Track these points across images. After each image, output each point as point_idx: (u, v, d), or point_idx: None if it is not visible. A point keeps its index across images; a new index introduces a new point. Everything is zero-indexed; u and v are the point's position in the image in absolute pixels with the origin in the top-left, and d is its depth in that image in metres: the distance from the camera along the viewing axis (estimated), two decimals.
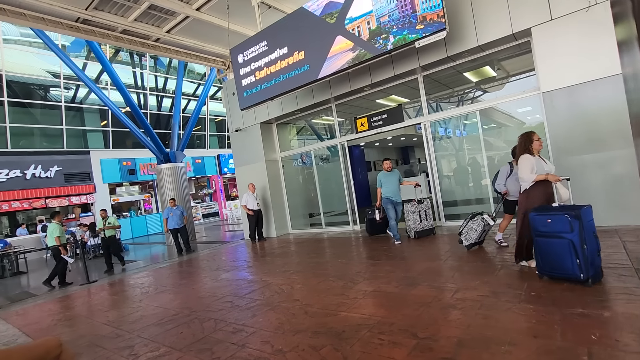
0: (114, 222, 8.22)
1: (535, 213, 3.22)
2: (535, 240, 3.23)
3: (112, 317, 4.21)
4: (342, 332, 2.79)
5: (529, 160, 3.46)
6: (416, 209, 6.15)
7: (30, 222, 15.09)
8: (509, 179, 4.56)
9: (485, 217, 4.77)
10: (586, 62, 4.91)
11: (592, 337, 2.18)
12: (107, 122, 16.52)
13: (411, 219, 6.13)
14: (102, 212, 8.45)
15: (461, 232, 4.85)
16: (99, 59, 11.18)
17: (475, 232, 4.74)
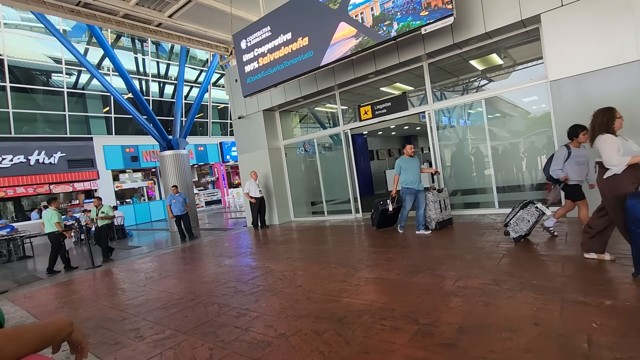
0: (107, 213, 7.83)
1: (637, 200, 2.70)
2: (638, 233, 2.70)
3: (118, 301, 4.28)
4: (344, 318, 2.83)
5: (614, 141, 2.97)
6: (437, 197, 5.73)
7: (35, 207, 15.24)
8: (567, 163, 4.12)
9: (539, 206, 4.23)
10: (596, 50, 4.81)
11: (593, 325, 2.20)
12: (110, 108, 16.47)
13: (432, 208, 5.69)
14: (95, 201, 8.07)
15: (508, 222, 4.37)
16: (101, 44, 11.08)
17: (527, 223, 4.24)
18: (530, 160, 6.52)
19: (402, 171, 5.69)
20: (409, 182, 5.67)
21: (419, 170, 5.72)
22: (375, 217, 6.33)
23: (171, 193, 9.26)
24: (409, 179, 5.66)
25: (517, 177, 6.70)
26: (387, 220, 6.34)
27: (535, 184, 6.46)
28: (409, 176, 5.66)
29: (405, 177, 5.67)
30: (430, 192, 5.75)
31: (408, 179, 5.66)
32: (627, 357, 1.84)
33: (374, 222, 6.37)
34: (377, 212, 6.23)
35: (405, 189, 5.69)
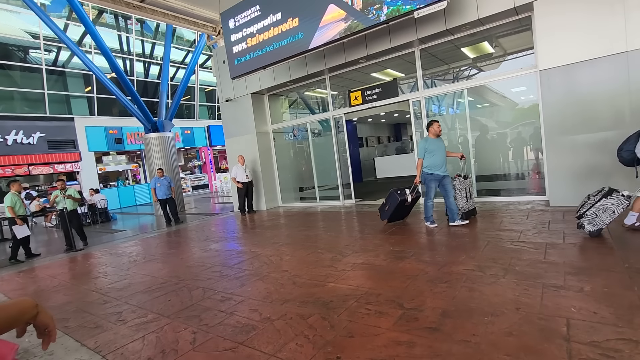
0: (74, 194, 7.05)
1: None
2: None
3: (100, 285, 4.20)
4: (329, 302, 2.83)
5: None
6: (463, 185, 5.11)
7: None
8: None
9: (625, 193, 3.58)
10: (587, 40, 4.82)
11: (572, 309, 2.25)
12: (92, 88, 15.88)
13: (459, 197, 5.06)
14: (60, 183, 7.11)
15: (584, 213, 3.70)
16: (81, 19, 10.56)
17: (612, 214, 3.55)
18: (516, 150, 6.59)
19: (427, 154, 4.92)
20: (434, 166, 4.93)
21: (445, 152, 5.02)
22: (388, 209, 5.44)
23: (156, 176, 9.06)
24: (435, 163, 4.91)
25: (501, 167, 6.78)
26: (401, 211, 5.59)
27: (520, 173, 6.55)
28: (434, 159, 4.91)
29: (430, 161, 4.91)
30: (457, 178, 5.15)
31: (433, 163, 4.92)
32: (604, 340, 1.88)
33: (386, 214, 5.47)
34: (393, 203, 5.34)
35: (429, 174, 4.94)
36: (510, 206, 5.75)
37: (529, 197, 6.05)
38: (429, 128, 5.04)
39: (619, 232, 3.75)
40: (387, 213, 5.47)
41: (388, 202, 5.44)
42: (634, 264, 2.86)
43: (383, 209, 5.53)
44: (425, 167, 4.95)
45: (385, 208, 5.49)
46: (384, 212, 5.52)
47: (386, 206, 5.47)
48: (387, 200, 5.49)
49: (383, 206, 5.55)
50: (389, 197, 5.44)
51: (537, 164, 6.20)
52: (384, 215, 5.53)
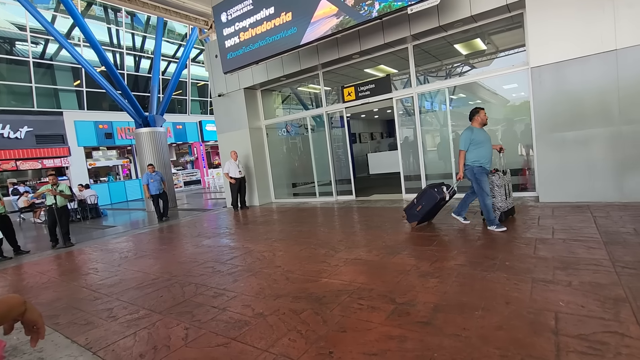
0: (65, 191, 6.75)
1: None
2: None
3: (90, 281, 4.15)
4: (322, 297, 2.84)
5: None
6: (502, 181, 4.55)
7: (1, 184, 14.47)
8: None
9: None
10: (578, 38, 4.87)
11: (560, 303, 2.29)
12: (81, 81, 15.59)
13: (497, 194, 4.50)
14: (51, 178, 6.81)
15: None
16: (70, 11, 10.33)
17: None
18: (507, 147, 6.64)
19: (474, 145, 4.33)
20: (483, 158, 4.30)
21: (491, 144, 4.45)
22: (421, 210, 4.68)
23: (147, 172, 8.97)
24: (484, 155, 4.30)
25: (493, 163, 6.83)
26: (432, 213, 4.90)
27: (512, 169, 6.62)
28: (482, 151, 4.30)
29: (478, 153, 4.31)
30: (495, 174, 4.57)
31: (482, 155, 4.30)
32: (591, 333, 1.93)
33: (417, 215, 4.71)
34: (429, 203, 4.63)
35: (479, 167, 4.32)
36: None
37: (519, 194, 6.13)
38: (473, 116, 4.45)
39: (606, 226, 3.82)
40: (418, 214, 4.70)
41: (421, 202, 4.68)
42: (621, 259, 2.92)
43: (412, 209, 4.77)
44: (473, 160, 4.34)
45: (416, 209, 4.71)
46: (414, 213, 4.74)
47: (417, 206, 4.70)
48: (419, 199, 4.73)
49: (412, 206, 4.79)
50: (424, 196, 4.69)
51: (528, 160, 6.27)
52: (413, 216, 4.77)
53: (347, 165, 8.18)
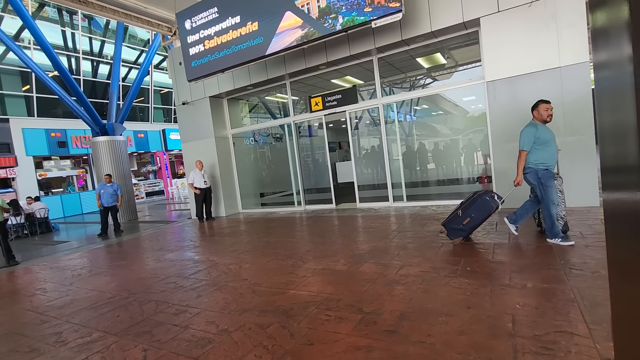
0: (2, 204, 6.16)
1: None
2: None
3: (37, 303, 3.81)
4: (289, 310, 2.79)
5: None
6: (561, 187, 3.92)
7: None
8: None
9: None
10: (526, 55, 5.26)
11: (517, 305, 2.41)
12: (31, 86, 14.55)
13: (560, 202, 3.83)
14: None
15: None
16: (18, 12, 9.67)
17: None
18: (467, 156, 6.99)
19: (538, 144, 3.65)
20: (550, 160, 3.63)
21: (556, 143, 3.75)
22: (469, 222, 3.90)
23: (102, 182, 8.47)
24: (550, 157, 3.63)
25: (455, 172, 7.16)
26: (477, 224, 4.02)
27: (472, 178, 6.96)
28: (549, 152, 3.63)
29: (544, 154, 3.63)
30: (558, 178, 3.94)
31: (548, 157, 3.63)
32: (544, 334, 2.03)
33: (464, 229, 3.95)
34: (481, 213, 3.88)
35: (544, 171, 3.63)
36: None
37: None
38: (533, 110, 3.80)
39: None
40: (465, 228, 3.93)
41: (470, 212, 3.87)
42: (569, 260, 3.13)
43: (456, 222, 3.97)
44: (537, 162, 3.66)
45: (462, 221, 3.90)
46: (458, 227, 3.95)
47: (464, 218, 3.89)
48: (465, 209, 3.92)
49: (454, 219, 3.99)
50: (474, 206, 3.87)
51: (486, 168, 6.61)
52: (457, 231, 3.98)
53: (327, 173, 8.17)
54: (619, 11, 0.52)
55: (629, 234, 0.57)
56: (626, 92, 0.52)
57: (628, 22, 0.50)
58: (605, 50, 0.64)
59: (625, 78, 0.52)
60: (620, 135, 0.56)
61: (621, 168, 0.58)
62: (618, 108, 0.56)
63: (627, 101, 0.52)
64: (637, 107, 0.49)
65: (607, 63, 0.63)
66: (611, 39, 0.57)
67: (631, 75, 0.50)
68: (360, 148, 8.31)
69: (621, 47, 0.53)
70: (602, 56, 0.67)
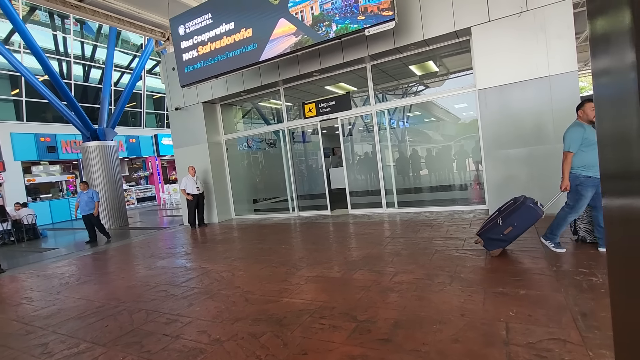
0: None
1: None
2: None
3: (22, 312, 3.71)
4: (283, 319, 2.76)
5: None
6: None
7: None
8: None
9: None
10: (517, 64, 5.35)
11: (510, 312, 2.41)
12: (20, 90, 14.35)
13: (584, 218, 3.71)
14: None
15: None
16: (8, 15, 9.55)
17: None
18: (460, 162, 7.06)
19: (585, 146, 3.32)
20: (592, 166, 3.29)
21: None
22: (510, 232, 3.56)
23: (80, 190, 8.31)
24: (594, 161, 3.22)
25: (448, 178, 7.22)
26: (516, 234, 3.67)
27: (464, 184, 7.01)
28: (593, 156, 3.27)
29: (589, 158, 3.30)
30: None
31: (592, 161, 3.29)
32: (538, 341, 2.03)
33: (505, 240, 3.62)
34: (526, 222, 3.54)
35: (586, 178, 3.33)
36: (455, 215, 6.11)
37: (471, 207, 6.48)
38: (578, 110, 3.49)
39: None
40: (505, 238, 3.61)
41: (513, 221, 3.52)
42: (561, 267, 3.15)
43: (494, 232, 3.64)
44: (580, 167, 3.36)
45: (503, 231, 3.57)
46: (499, 237, 3.62)
47: (505, 228, 3.55)
48: (506, 218, 3.58)
49: (493, 228, 3.66)
50: (517, 213, 3.53)
51: (478, 175, 6.68)
52: (495, 242, 3.65)
53: (322, 179, 8.15)
54: (620, 17, 0.53)
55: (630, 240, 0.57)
56: (629, 98, 0.53)
57: (630, 28, 0.50)
58: (605, 57, 0.65)
59: (627, 84, 0.52)
60: (622, 142, 0.57)
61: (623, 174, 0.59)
62: (620, 114, 0.57)
63: (630, 107, 0.52)
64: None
65: (607, 70, 0.64)
66: (612, 46, 0.58)
67: (634, 82, 0.50)
68: (353, 154, 8.34)
69: (623, 54, 0.53)
70: (602, 63, 0.68)
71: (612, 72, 0.59)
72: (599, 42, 0.69)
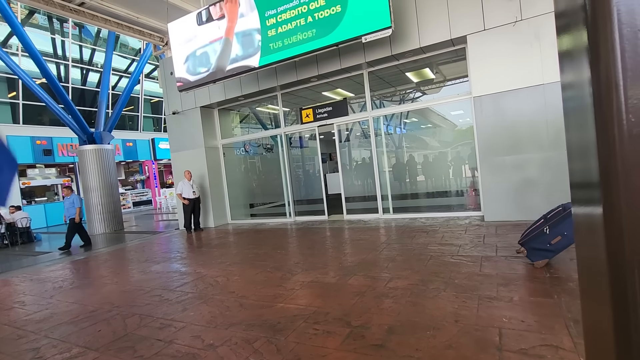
0: None
1: None
2: None
3: (14, 317, 3.67)
4: (277, 324, 2.75)
5: None
6: None
7: None
8: None
9: None
10: (512, 72, 5.41)
11: (503, 319, 2.42)
12: (17, 93, 14.32)
13: None
14: None
15: None
16: (7, 19, 9.57)
17: None
18: (456, 169, 7.10)
19: None
20: None
21: None
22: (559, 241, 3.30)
23: (63, 195, 8.25)
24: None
25: (444, 184, 7.25)
26: None
27: (460, 190, 7.05)
28: None
29: None
30: None
31: None
32: (530, 347, 2.04)
33: (552, 250, 3.35)
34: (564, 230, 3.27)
35: None
36: (450, 221, 6.13)
37: (466, 213, 6.50)
38: None
39: None
40: (553, 248, 3.34)
41: (562, 230, 3.28)
42: (554, 273, 3.17)
43: (541, 241, 3.37)
44: None
45: (550, 240, 3.32)
46: (545, 247, 3.36)
47: (554, 237, 3.30)
48: (554, 226, 3.31)
49: (539, 236, 3.39)
50: (566, 222, 3.27)
51: (474, 181, 6.71)
52: (542, 252, 3.39)
53: (320, 184, 8.15)
54: (580, 36, 0.57)
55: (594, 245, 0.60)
56: (587, 111, 0.56)
57: (586, 46, 0.55)
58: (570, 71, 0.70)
59: (586, 99, 0.57)
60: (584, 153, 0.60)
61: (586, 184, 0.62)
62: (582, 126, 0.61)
63: (588, 120, 0.56)
64: (596, 126, 0.53)
65: (571, 84, 0.69)
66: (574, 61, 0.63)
67: (590, 96, 0.55)
68: (350, 160, 8.37)
69: (582, 69, 0.58)
70: (567, 77, 0.73)
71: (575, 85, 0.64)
72: (565, 57, 0.74)
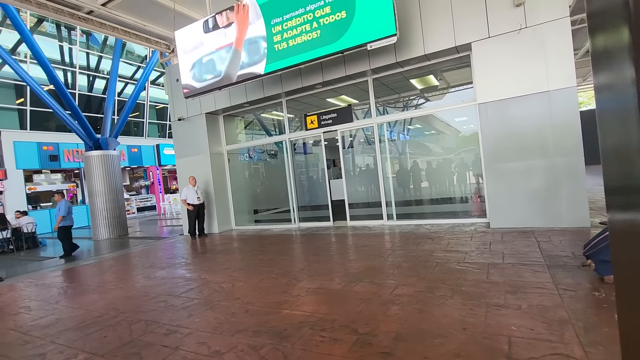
0: None
1: None
2: None
3: (20, 322, 3.68)
4: (283, 331, 2.74)
5: None
6: None
7: None
8: None
9: None
10: (517, 79, 5.42)
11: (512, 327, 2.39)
12: (25, 99, 14.52)
13: None
14: None
15: None
16: (16, 26, 9.75)
17: None
18: (460, 175, 7.08)
19: None
20: None
21: None
22: None
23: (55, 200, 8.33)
24: None
25: (448, 190, 7.23)
26: None
27: (465, 197, 7.02)
28: None
29: None
30: None
31: None
32: (541, 356, 2.02)
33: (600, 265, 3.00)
34: None
35: None
36: (455, 228, 6.09)
37: (472, 220, 6.47)
38: None
39: (549, 251, 4.11)
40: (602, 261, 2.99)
41: None
42: (562, 281, 3.14)
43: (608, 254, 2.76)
44: None
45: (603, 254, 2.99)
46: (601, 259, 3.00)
47: None
48: None
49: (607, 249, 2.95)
50: None
51: (479, 188, 6.69)
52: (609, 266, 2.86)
53: (325, 190, 8.15)
54: (619, 34, 0.54)
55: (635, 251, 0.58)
56: (630, 113, 0.53)
57: (629, 44, 0.51)
58: (606, 72, 0.67)
59: (628, 100, 0.53)
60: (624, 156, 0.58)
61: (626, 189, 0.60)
62: (621, 129, 0.59)
63: (631, 122, 0.53)
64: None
65: (608, 85, 0.66)
66: (612, 62, 0.60)
67: (634, 97, 0.51)
68: (354, 166, 8.38)
69: (623, 70, 0.54)
70: (603, 78, 0.70)
71: (613, 87, 0.61)
72: (599, 58, 0.71)
